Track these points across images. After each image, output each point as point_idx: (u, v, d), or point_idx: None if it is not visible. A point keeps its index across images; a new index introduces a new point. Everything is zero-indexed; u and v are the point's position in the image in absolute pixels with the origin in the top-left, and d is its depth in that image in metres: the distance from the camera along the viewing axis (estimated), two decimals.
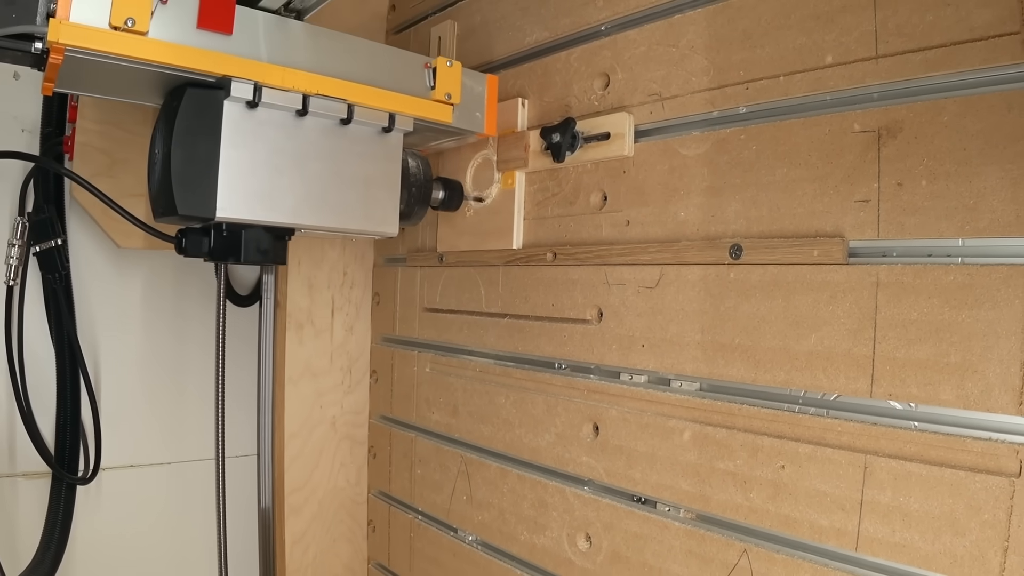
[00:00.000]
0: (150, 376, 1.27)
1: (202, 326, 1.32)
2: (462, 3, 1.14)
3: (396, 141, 0.88)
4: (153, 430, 1.27)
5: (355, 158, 0.84)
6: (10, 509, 1.13)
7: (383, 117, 0.84)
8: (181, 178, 0.73)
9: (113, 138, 1.06)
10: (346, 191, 0.83)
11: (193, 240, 0.80)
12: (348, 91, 0.81)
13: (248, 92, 0.75)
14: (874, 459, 0.64)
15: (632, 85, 0.87)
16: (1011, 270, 0.57)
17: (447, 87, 0.88)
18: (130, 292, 1.26)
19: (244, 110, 0.76)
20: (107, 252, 1.22)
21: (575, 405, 0.92)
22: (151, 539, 1.27)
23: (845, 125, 0.68)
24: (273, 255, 0.82)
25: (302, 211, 0.81)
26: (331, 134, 0.82)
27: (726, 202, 0.77)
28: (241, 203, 0.76)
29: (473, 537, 1.08)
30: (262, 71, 0.75)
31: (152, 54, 0.69)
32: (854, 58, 0.67)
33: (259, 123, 0.77)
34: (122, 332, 1.25)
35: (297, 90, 0.78)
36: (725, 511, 0.75)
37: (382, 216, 0.87)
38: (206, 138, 0.74)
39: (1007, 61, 0.58)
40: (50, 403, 1.13)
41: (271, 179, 0.78)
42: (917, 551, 0.61)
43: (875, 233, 0.65)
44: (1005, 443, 0.57)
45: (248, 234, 0.79)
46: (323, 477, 1.30)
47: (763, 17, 0.74)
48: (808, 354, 0.69)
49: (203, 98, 0.74)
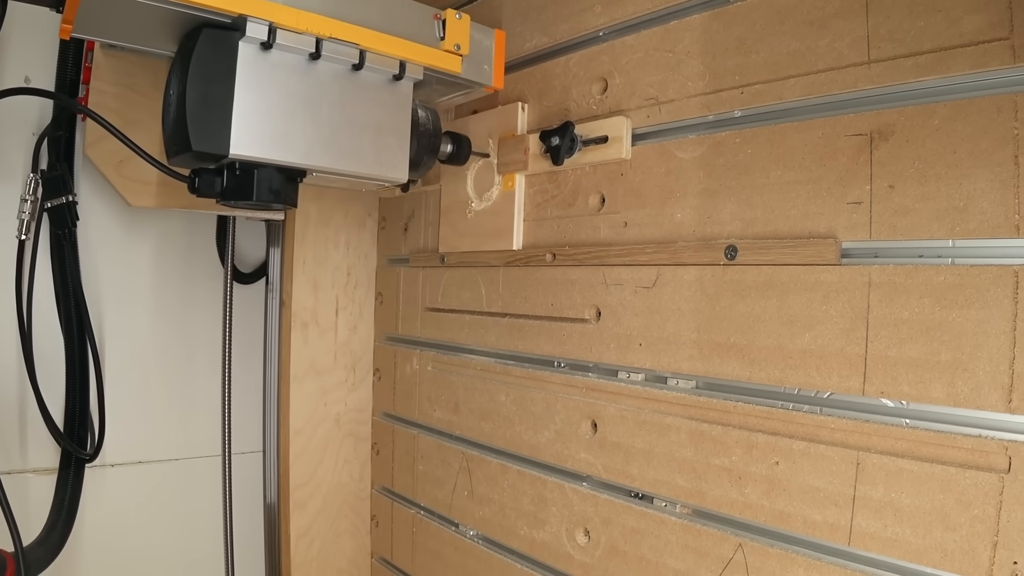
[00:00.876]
0: (157, 372, 1.27)
1: (209, 300, 1.31)
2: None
3: (406, 89, 0.87)
4: (161, 428, 1.27)
5: (366, 104, 0.84)
6: (21, 504, 1.13)
7: (394, 64, 0.84)
8: (196, 116, 0.72)
9: (126, 99, 1.06)
10: (357, 136, 0.83)
11: (206, 179, 0.79)
12: (360, 36, 0.81)
13: (263, 33, 0.74)
14: (866, 455, 0.64)
15: (630, 90, 0.87)
16: (1000, 270, 0.57)
17: (456, 38, 0.88)
18: (139, 258, 1.25)
19: (258, 52, 0.76)
20: (117, 213, 1.21)
21: (574, 403, 0.92)
22: (160, 534, 1.27)
23: (838, 129, 0.68)
24: (284, 195, 0.81)
25: (314, 152, 0.80)
26: (343, 79, 0.82)
27: (722, 204, 0.77)
28: (254, 142, 0.76)
29: (474, 532, 1.08)
30: (277, 12, 0.75)
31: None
32: (847, 63, 0.67)
33: (273, 65, 0.77)
34: (130, 304, 1.24)
35: (311, 33, 0.77)
36: (720, 506, 0.75)
37: (392, 162, 0.87)
38: (221, 78, 0.74)
39: (996, 66, 0.58)
40: (59, 370, 1.13)
41: (284, 120, 0.78)
42: (909, 545, 0.61)
43: (867, 234, 0.65)
44: (994, 440, 0.57)
45: (260, 173, 0.79)
46: (327, 473, 1.30)
47: (757, 23, 0.74)
48: (802, 353, 0.69)
49: (218, 39, 0.74)
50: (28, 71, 1.11)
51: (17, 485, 1.12)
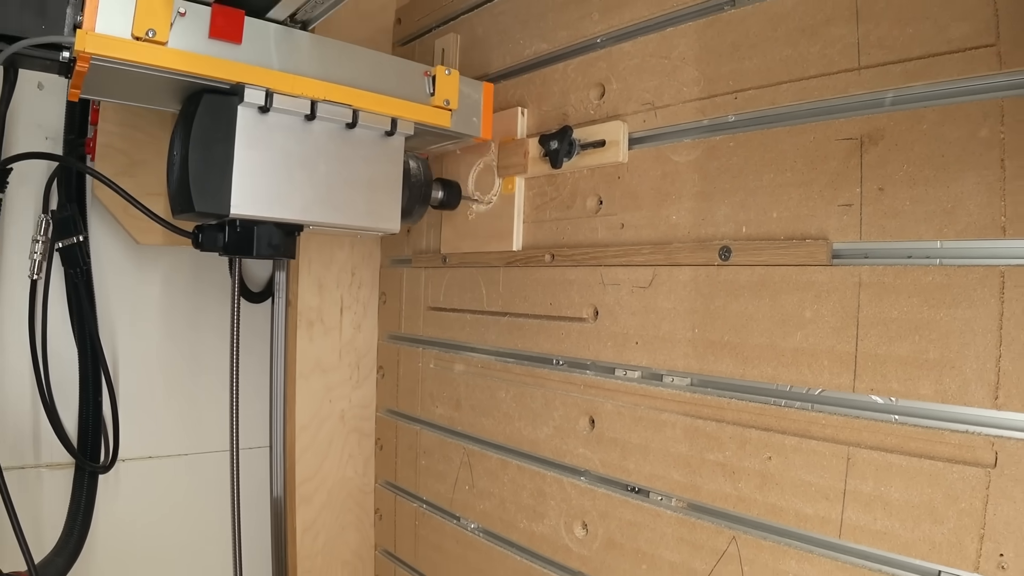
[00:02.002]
0: (167, 372, 1.27)
1: (217, 323, 1.32)
2: (464, 17, 1.14)
3: (398, 144, 0.89)
4: (170, 423, 1.27)
5: (360, 160, 0.85)
6: (35, 499, 1.13)
7: (386, 121, 0.86)
8: (198, 178, 0.74)
9: (133, 140, 1.07)
10: (351, 190, 0.85)
11: (209, 235, 0.81)
12: (353, 97, 0.82)
13: (260, 98, 0.76)
14: (857, 451, 0.64)
15: (626, 95, 0.87)
16: (987, 271, 0.57)
17: (445, 94, 0.90)
18: (148, 287, 1.25)
19: (256, 115, 0.77)
20: (126, 249, 1.21)
21: (572, 399, 0.92)
22: (169, 527, 1.27)
23: (829, 133, 0.68)
24: (283, 249, 0.83)
25: (310, 209, 0.82)
26: (337, 137, 0.83)
27: (716, 206, 0.77)
28: (254, 201, 0.77)
29: (475, 525, 1.08)
30: (273, 79, 0.77)
31: (171, 63, 0.70)
32: (838, 69, 0.67)
33: (270, 127, 0.79)
34: (140, 327, 1.24)
35: (306, 96, 0.79)
36: (715, 500, 0.75)
37: (385, 214, 0.88)
38: (221, 141, 0.76)
39: (983, 72, 0.58)
40: (72, 394, 1.13)
41: (282, 179, 0.79)
42: (897, 538, 0.61)
43: (857, 235, 0.65)
44: (981, 435, 0.57)
45: (260, 230, 0.81)
46: (332, 468, 1.30)
47: (751, 30, 0.74)
48: (794, 351, 0.69)
49: (218, 104, 0.76)
50: (41, 76, 1.11)
51: (31, 481, 1.12)
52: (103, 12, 0.66)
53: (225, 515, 1.24)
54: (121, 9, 0.67)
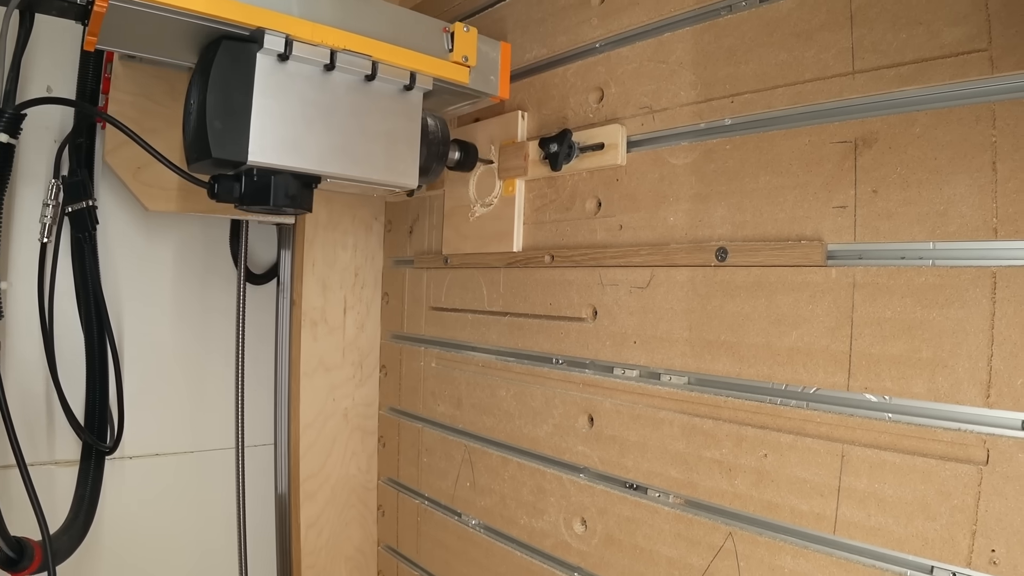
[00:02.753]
0: (174, 362, 1.27)
1: (223, 303, 1.31)
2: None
3: (416, 99, 0.87)
4: (177, 422, 1.27)
5: (378, 113, 0.84)
6: (47, 494, 1.13)
7: (405, 75, 0.84)
8: (216, 124, 0.72)
9: (143, 109, 1.06)
10: (369, 143, 0.83)
11: (225, 185, 0.79)
12: (373, 48, 0.81)
13: (280, 45, 0.74)
14: (851, 448, 0.64)
15: (625, 99, 0.87)
16: (979, 271, 0.57)
17: (464, 50, 0.88)
18: (156, 259, 1.25)
19: (275, 62, 0.76)
20: (136, 217, 1.21)
21: (571, 398, 0.92)
22: (176, 523, 1.27)
23: (824, 136, 0.68)
24: (300, 200, 0.81)
25: (328, 159, 0.80)
26: (356, 89, 0.82)
27: (712, 208, 0.77)
28: (271, 149, 0.76)
29: (476, 521, 1.08)
30: (293, 25, 0.75)
31: (192, 3, 0.69)
32: (832, 73, 0.67)
33: (289, 75, 0.77)
34: (147, 308, 1.24)
35: (325, 45, 0.77)
36: (711, 497, 0.75)
37: (402, 169, 0.86)
38: (239, 88, 0.74)
39: (975, 76, 0.58)
40: (81, 363, 1.13)
41: (300, 128, 0.78)
42: (891, 534, 0.61)
43: (852, 237, 0.65)
44: (973, 433, 0.57)
45: (277, 179, 0.79)
46: (336, 465, 1.30)
47: (747, 35, 0.74)
48: (789, 350, 0.69)
49: (237, 50, 0.74)
50: (50, 81, 1.11)
51: (43, 476, 1.12)
52: None
53: (231, 511, 1.24)
54: None
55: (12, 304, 1.09)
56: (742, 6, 0.75)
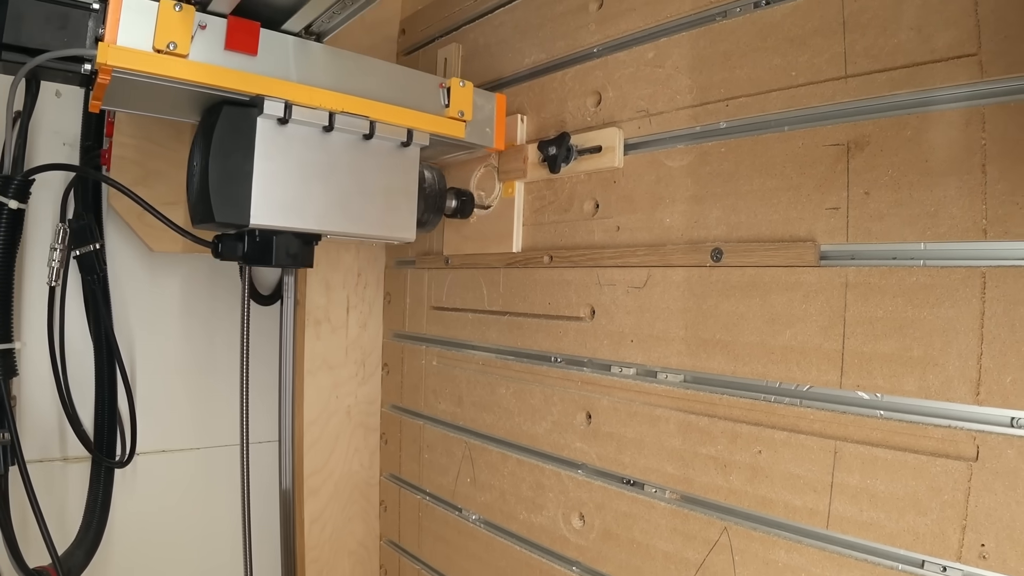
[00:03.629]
0: (181, 371, 1.28)
1: (228, 324, 1.32)
2: (466, 27, 1.14)
3: (414, 154, 0.88)
4: (183, 419, 1.27)
5: (376, 170, 0.84)
6: (59, 490, 1.13)
7: (402, 133, 0.84)
8: (218, 188, 0.73)
9: (146, 151, 1.06)
10: (368, 200, 0.83)
11: (228, 245, 0.80)
12: (370, 109, 0.81)
13: (279, 110, 0.75)
14: (843, 445, 0.64)
15: (622, 102, 0.87)
16: (969, 271, 0.57)
17: (460, 105, 0.89)
18: (162, 293, 1.26)
19: (275, 126, 0.76)
20: (141, 257, 1.22)
21: (570, 395, 0.92)
22: (182, 518, 1.27)
23: (817, 139, 0.68)
24: (302, 258, 0.82)
25: (328, 218, 0.81)
26: (354, 148, 0.82)
27: (708, 209, 0.77)
28: (273, 211, 0.76)
29: (476, 516, 1.08)
30: (292, 90, 0.76)
31: (192, 75, 0.69)
32: (825, 77, 0.67)
33: (289, 138, 0.78)
34: (155, 331, 1.25)
35: (324, 108, 0.78)
36: (707, 492, 0.75)
37: (401, 223, 0.87)
38: (241, 151, 0.75)
39: (965, 80, 0.58)
40: (90, 395, 1.13)
41: (300, 189, 0.78)
42: (883, 529, 0.61)
43: (844, 238, 0.65)
44: (963, 430, 0.57)
45: (279, 239, 0.79)
46: (339, 461, 1.30)
47: (742, 40, 0.74)
48: (783, 348, 0.69)
49: (238, 115, 0.75)
50: (60, 85, 1.11)
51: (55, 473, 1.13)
52: (125, 25, 0.65)
53: (236, 507, 1.24)
54: (142, 22, 0.66)
55: (26, 361, 1.09)
56: (737, 12, 0.75)
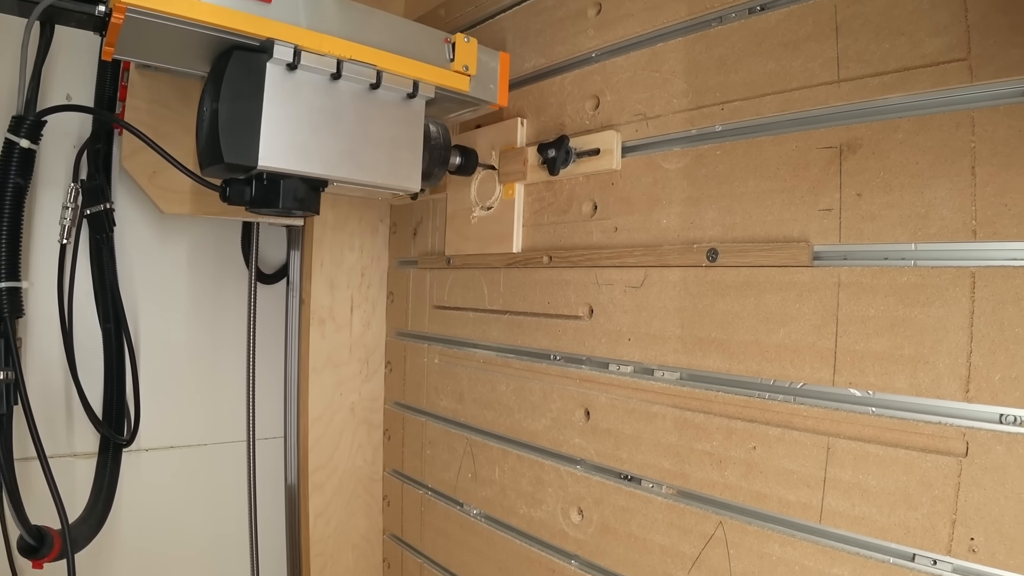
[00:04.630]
0: (189, 360, 1.27)
1: (235, 312, 1.31)
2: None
3: (419, 107, 0.87)
4: (191, 415, 1.27)
5: (383, 120, 0.84)
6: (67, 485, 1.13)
7: (408, 83, 0.84)
8: (228, 130, 0.73)
9: (159, 115, 1.06)
10: (374, 149, 0.83)
11: (236, 189, 0.79)
12: (378, 58, 0.81)
13: (288, 55, 0.75)
14: (836, 441, 0.64)
15: (620, 106, 0.87)
16: (958, 271, 0.57)
17: (465, 60, 0.88)
18: (171, 261, 1.25)
19: (284, 72, 0.76)
20: (151, 220, 1.21)
21: (568, 392, 0.92)
22: (190, 512, 1.27)
23: (810, 142, 0.68)
24: (308, 203, 0.81)
25: (335, 164, 0.80)
26: (361, 97, 0.82)
27: (704, 211, 0.77)
28: (281, 154, 0.76)
29: (477, 511, 1.08)
30: (301, 36, 0.75)
31: (205, 15, 0.69)
32: (818, 82, 0.67)
33: (297, 84, 0.77)
34: (161, 306, 1.24)
35: (332, 55, 0.77)
36: (703, 487, 0.75)
37: (406, 173, 0.86)
38: (250, 96, 0.74)
39: (955, 84, 0.58)
40: (99, 364, 1.13)
41: (308, 135, 0.78)
42: (875, 523, 0.61)
43: (837, 238, 0.65)
44: (953, 427, 0.57)
45: (286, 183, 0.79)
46: (343, 457, 1.30)
47: (736, 45, 0.74)
48: (777, 347, 0.69)
49: (248, 60, 0.74)
50: (69, 89, 1.11)
51: (63, 468, 1.12)
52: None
53: (242, 501, 1.24)
54: None
55: (33, 303, 1.09)
56: (732, 17, 0.75)
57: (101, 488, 1.11)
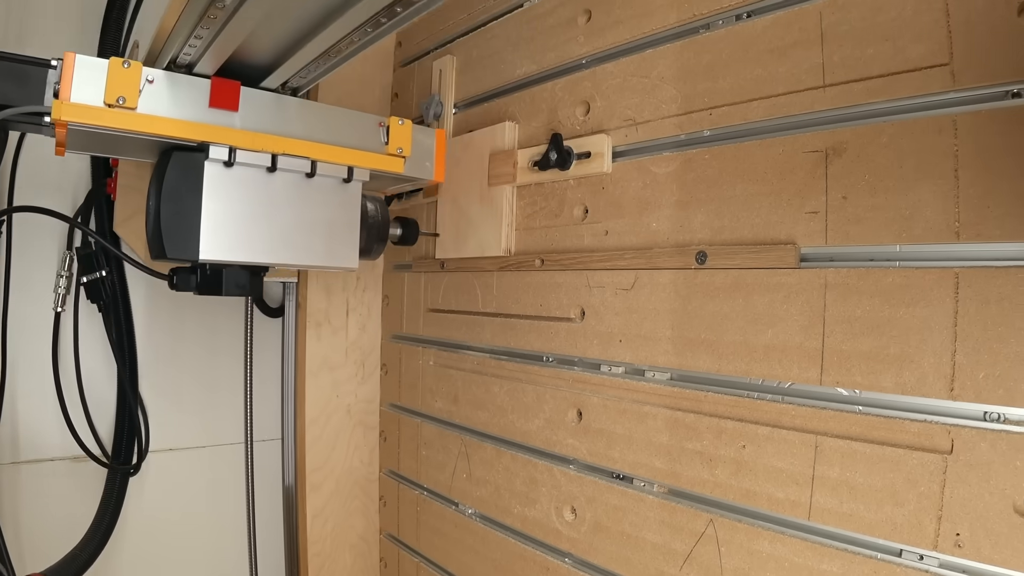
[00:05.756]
0: (187, 369, 1.27)
1: (233, 332, 1.32)
2: (460, 40, 1.14)
3: (355, 189, 0.88)
4: (191, 418, 1.27)
5: (319, 205, 0.85)
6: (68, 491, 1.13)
7: (342, 170, 0.85)
8: (170, 226, 0.75)
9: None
10: (312, 233, 0.84)
11: (183, 277, 0.82)
12: (311, 150, 0.82)
13: (224, 154, 0.76)
14: (824, 439, 0.64)
15: (610, 111, 0.87)
16: (942, 272, 0.57)
17: (399, 142, 0.88)
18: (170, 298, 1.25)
19: (222, 168, 0.77)
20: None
21: (561, 393, 0.92)
22: (190, 513, 1.27)
23: (797, 146, 0.67)
24: (250, 289, 0.83)
25: (273, 251, 0.82)
26: (298, 185, 0.83)
27: (693, 214, 0.77)
28: (221, 246, 0.77)
29: (472, 510, 1.07)
30: (235, 136, 0.76)
31: (141, 126, 0.70)
32: (804, 87, 0.67)
33: (235, 178, 0.78)
34: (161, 318, 1.25)
35: (266, 151, 0.78)
36: (693, 486, 0.75)
37: (344, 253, 0.87)
38: (190, 192, 0.76)
39: (938, 89, 0.58)
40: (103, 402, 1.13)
41: (246, 225, 0.79)
42: (862, 519, 0.60)
43: (823, 240, 0.65)
44: (938, 424, 0.57)
45: (228, 272, 0.81)
46: (340, 458, 1.29)
47: (724, 51, 0.74)
48: (765, 347, 0.69)
49: (187, 159, 0.76)
50: None
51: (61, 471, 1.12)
52: (77, 83, 0.67)
53: (241, 502, 1.24)
54: (94, 79, 0.67)
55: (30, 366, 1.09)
56: (719, 24, 0.75)
57: (108, 504, 1.11)
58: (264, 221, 0.80)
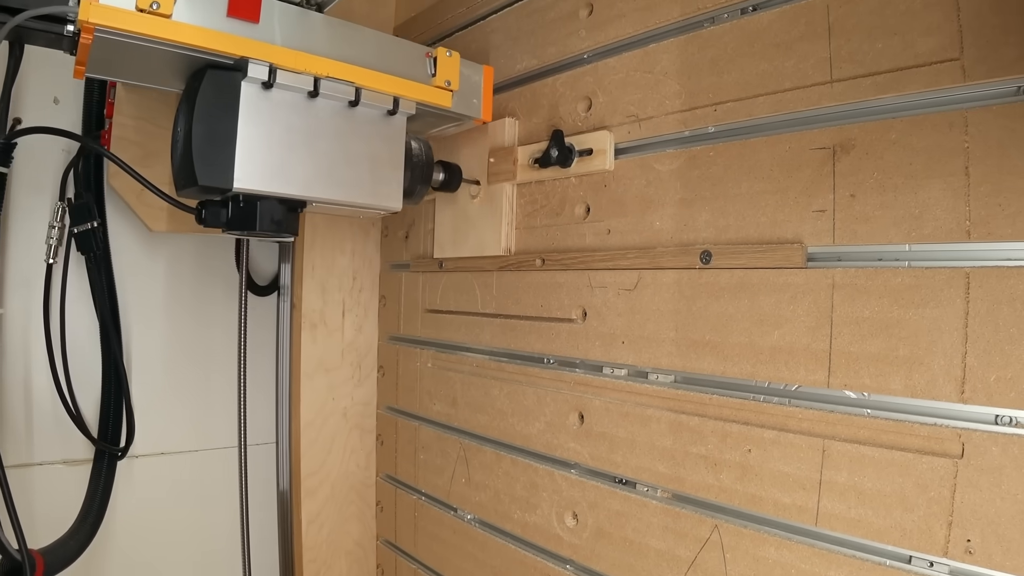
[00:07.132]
0: (179, 370, 1.27)
1: (225, 316, 1.31)
2: (459, 34, 1.14)
3: (400, 123, 0.85)
4: (182, 421, 1.27)
5: (362, 138, 0.82)
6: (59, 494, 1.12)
7: (388, 100, 0.82)
8: (201, 152, 0.71)
9: (146, 132, 1.04)
10: (353, 168, 0.81)
11: (212, 212, 0.77)
12: (356, 75, 0.79)
13: (264, 74, 0.73)
14: (831, 443, 0.63)
15: (612, 107, 0.87)
16: (953, 272, 0.57)
17: (447, 75, 0.86)
18: (160, 276, 1.24)
19: (260, 90, 0.74)
20: (140, 240, 1.20)
21: (562, 396, 0.92)
22: (181, 519, 1.26)
23: (803, 143, 0.67)
24: (286, 225, 0.79)
25: (313, 185, 0.78)
26: (340, 115, 0.80)
27: (697, 212, 0.77)
28: (256, 176, 0.74)
29: (471, 516, 1.07)
30: (277, 54, 0.73)
31: (175, 35, 0.67)
32: (811, 82, 0.67)
33: (273, 103, 0.75)
34: (153, 321, 1.24)
35: (309, 72, 0.76)
36: (698, 491, 0.75)
37: (387, 192, 0.85)
38: (225, 116, 0.72)
39: (948, 84, 0.58)
40: (87, 380, 1.12)
41: (284, 155, 0.76)
42: (871, 525, 0.60)
43: (831, 240, 0.65)
44: (949, 428, 0.57)
45: (263, 205, 0.77)
46: (335, 462, 1.29)
47: (729, 46, 0.74)
48: (771, 349, 0.69)
49: (222, 79, 0.72)
50: (57, 92, 1.10)
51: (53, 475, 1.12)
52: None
53: (234, 508, 1.23)
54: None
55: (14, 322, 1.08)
56: (724, 18, 0.75)
57: (94, 497, 1.10)
58: (304, 151, 0.77)
